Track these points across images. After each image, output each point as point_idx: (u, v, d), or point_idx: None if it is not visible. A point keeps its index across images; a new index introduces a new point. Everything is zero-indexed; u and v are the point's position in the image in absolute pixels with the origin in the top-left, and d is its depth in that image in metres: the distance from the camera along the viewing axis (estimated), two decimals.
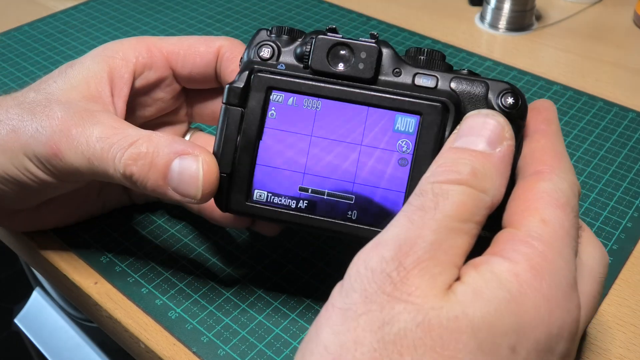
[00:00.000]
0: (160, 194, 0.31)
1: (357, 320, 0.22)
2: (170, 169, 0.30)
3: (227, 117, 0.31)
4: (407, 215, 0.24)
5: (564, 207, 0.25)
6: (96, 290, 0.37)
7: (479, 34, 0.64)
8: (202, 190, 0.30)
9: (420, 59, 0.31)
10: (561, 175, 0.27)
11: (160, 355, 0.34)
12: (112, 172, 0.31)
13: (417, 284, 0.22)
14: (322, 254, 0.39)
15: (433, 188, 0.25)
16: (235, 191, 0.31)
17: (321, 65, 0.30)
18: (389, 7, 0.69)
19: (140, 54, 0.36)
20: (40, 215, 0.38)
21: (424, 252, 0.23)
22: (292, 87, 0.30)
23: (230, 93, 0.31)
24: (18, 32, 0.64)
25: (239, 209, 0.31)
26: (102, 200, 0.41)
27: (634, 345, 0.34)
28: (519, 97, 0.29)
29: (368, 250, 0.24)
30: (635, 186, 0.45)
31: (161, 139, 0.31)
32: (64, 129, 0.31)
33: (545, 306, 0.23)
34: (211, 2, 0.70)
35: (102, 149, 0.31)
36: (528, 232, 0.25)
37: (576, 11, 0.69)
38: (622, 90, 0.55)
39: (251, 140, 0.31)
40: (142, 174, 0.30)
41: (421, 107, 0.29)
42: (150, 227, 0.41)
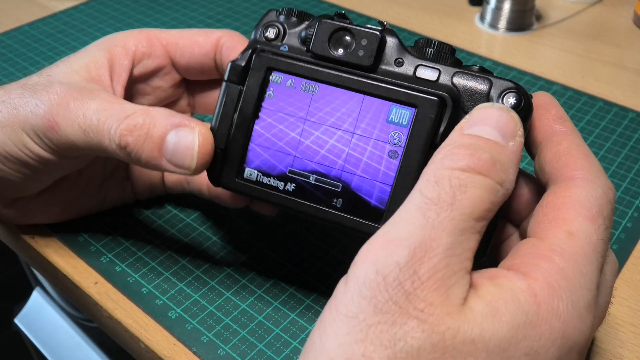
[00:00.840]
0: (154, 165, 0.31)
1: (366, 332, 0.21)
2: (166, 140, 0.31)
3: (226, 93, 0.31)
4: (421, 210, 0.23)
5: (595, 219, 0.24)
6: (96, 290, 0.37)
7: (479, 34, 0.64)
8: (196, 161, 0.30)
9: (428, 51, 0.30)
10: (595, 181, 0.25)
11: (160, 355, 0.34)
12: (107, 144, 0.31)
13: (432, 300, 0.21)
14: (322, 254, 0.39)
15: (451, 178, 0.23)
16: (227, 167, 0.31)
17: (322, 50, 0.30)
18: (389, 7, 0.69)
19: (139, 43, 0.37)
20: (38, 205, 0.38)
21: (439, 260, 0.22)
22: (290, 69, 0.30)
23: (232, 70, 0.31)
24: (18, 32, 0.64)
25: (228, 185, 0.32)
26: (103, 194, 0.40)
27: (634, 345, 0.34)
28: (522, 97, 0.28)
29: (378, 248, 0.23)
30: (635, 186, 0.45)
31: (158, 112, 0.31)
32: (61, 102, 0.32)
33: (559, 328, 0.22)
34: (211, 2, 0.70)
35: (99, 120, 0.31)
36: (551, 245, 0.24)
37: (576, 11, 0.69)
38: (622, 90, 0.55)
39: (247, 118, 0.31)
40: (138, 145, 0.31)
41: (417, 100, 0.28)
42: (150, 227, 0.41)
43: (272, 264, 0.39)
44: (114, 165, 0.40)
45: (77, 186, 0.39)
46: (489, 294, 0.22)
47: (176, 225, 0.41)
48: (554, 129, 0.28)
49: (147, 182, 0.41)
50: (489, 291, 0.22)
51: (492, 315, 0.22)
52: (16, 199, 0.37)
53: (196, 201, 0.43)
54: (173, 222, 0.41)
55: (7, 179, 0.34)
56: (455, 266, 0.22)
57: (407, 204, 0.24)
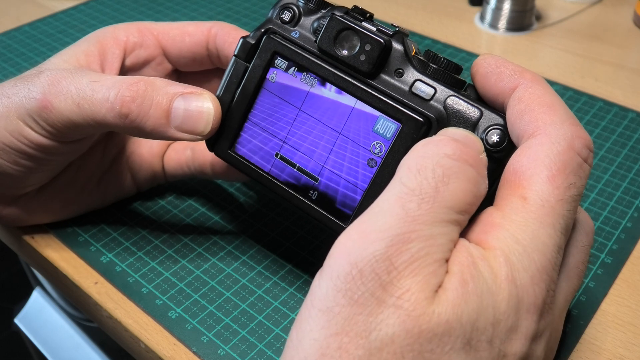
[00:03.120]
0: (159, 132, 0.31)
1: (342, 325, 0.21)
2: (174, 106, 0.31)
3: (233, 68, 0.33)
4: (401, 201, 0.22)
5: (554, 178, 0.23)
6: (96, 290, 0.37)
7: (479, 34, 0.64)
8: (212, 125, 0.31)
9: (431, 67, 0.29)
10: (557, 134, 0.24)
11: (160, 355, 0.34)
12: (104, 114, 0.31)
13: (408, 286, 0.21)
14: (321, 254, 0.39)
15: (435, 167, 0.23)
16: (222, 137, 0.33)
17: (327, 46, 0.30)
18: (389, 7, 0.69)
19: (130, 34, 0.37)
20: (38, 204, 0.38)
21: (418, 250, 0.22)
22: (295, 58, 0.31)
23: (242, 47, 0.32)
24: (18, 32, 0.64)
25: (221, 154, 0.33)
26: (103, 189, 0.40)
27: (634, 345, 0.34)
28: (506, 137, 0.27)
29: (354, 240, 0.22)
30: (635, 186, 0.45)
31: (157, 80, 0.32)
32: (53, 81, 0.32)
33: (515, 293, 0.22)
34: (211, 2, 0.70)
35: (93, 90, 0.31)
36: (504, 212, 0.24)
37: (576, 11, 0.69)
38: (622, 90, 0.55)
39: (247, 95, 0.32)
40: (142, 112, 0.30)
41: (403, 116, 0.29)
42: (150, 227, 0.41)
43: (272, 264, 0.39)
44: (113, 157, 0.40)
45: (77, 182, 0.39)
46: (455, 266, 0.22)
47: (176, 225, 0.41)
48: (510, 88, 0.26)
49: (147, 171, 0.41)
50: (455, 263, 0.22)
51: (462, 287, 0.22)
52: (17, 197, 0.37)
53: (196, 201, 0.43)
54: (173, 222, 0.41)
55: (7, 174, 0.34)
56: (435, 255, 0.22)
57: (386, 194, 0.23)
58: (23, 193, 0.37)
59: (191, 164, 0.40)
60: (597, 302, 0.36)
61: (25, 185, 0.36)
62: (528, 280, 0.23)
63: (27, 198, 0.37)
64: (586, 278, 0.38)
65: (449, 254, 0.23)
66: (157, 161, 0.41)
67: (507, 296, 0.22)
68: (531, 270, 0.23)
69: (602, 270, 0.38)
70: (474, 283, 0.22)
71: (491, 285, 0.22)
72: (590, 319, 0.35)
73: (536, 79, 0.26)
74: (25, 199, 0.37)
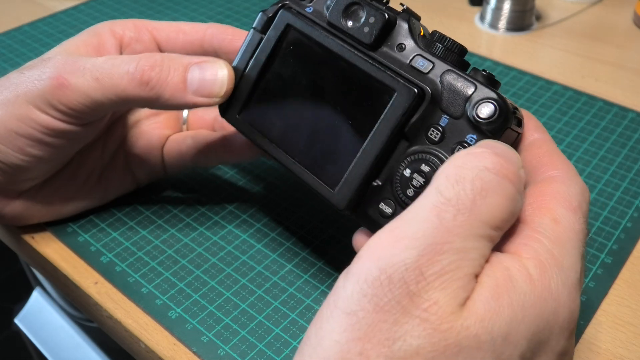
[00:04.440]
0: (177, 99, 0.32)
1: (365, 331, 0.21)
2: (190, 73, 0.32)
3: (250, 39, 0.34)
4: (436, 210, 0.22)
5: (575, 211, 0.25)
6: (96, 290, 0.37)
7: (479, 34, 0.64)
8: (227, 87, 0.33)
9: (436, 45, 0.30)
10: (573, 180, 0.26)
11: (160, 355, 0.34)
12: (124, 86, 0.32)
13: (436, 299, 0.21)
14: (321, 253, 0.39)
15: (474, 179, 0.23)
16: (233, 104, 0.34)
17: (335, 19, 0.32)
18: None
19: (127, 29, 0.38)
20: (39, 201, 0.38)
21: (449, 263, 0.21)
22: (304, 30, 0.32)
23: (260, 19, 0.34)
24: (18, 32, 0.64)
25: (230, 119, 0.35)
26: (104, 185, 0.40)
27: (634, 345, 0.34)
28: (497, 111, 0.27)
29: (385, 245, 0.22)
30: (635, 186, 0.45)
31: (171, 54, 0.33)
32: (67, 61, 0.33)
33: (553, 307, 0.22)
34: (211, 2, 0.70)
35: (113, 65, 0.32)
36: (537, 228, 0.24)
37: (576, 11, 0.69)
38: (622, 90, 0.55)
39: (258, 64, 0.34)
40: (161, 79, 0.32)
41: (397, 85, 0.29)
42: (150, 227, 0.41)
43: (271, 264, 0.39)
44: (112, 151, 0.40)
45: (78, 178, 0.39)
46: (486, 277, 0.22)
47: (176, 225, 0.41)
48: (534, 137, 0.29)
49: (147, 164, 0.41)
50: (487, 275, 0.22)
51: (493, 300, 0.21)
52: (20, 193, 0.37)
53: (196, 201, 0.43)
54: (173, 222, 0.41)
55: (12, 164, 0.34)
56: (466, 269, 0.22)
57: (422, 201, 0.23)
58: (26, 188, 0.37)
59: (193, 152, 0.40)
60: (597, 302, 0.36)
61: (30, 177, 0.36)
62: (566, 296, 0.23)
63: (30, 194, 0.37)
64: (586, 278, 0.38)
65: (479, 270, 0.22)
66: (157, 153, 0.41)
67: (544, 309, 0.22)
68: (568, 286, 0.23)
69: (602, 270, 0.38)
70: (508, 295, 0.22)
71: (529, 297, 0.22)
72: (590, 319, 0.35)
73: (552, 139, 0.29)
74: (28, 194, 0.37)
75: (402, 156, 0.29)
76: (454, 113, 0.28)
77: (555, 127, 0.50)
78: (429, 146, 0.28)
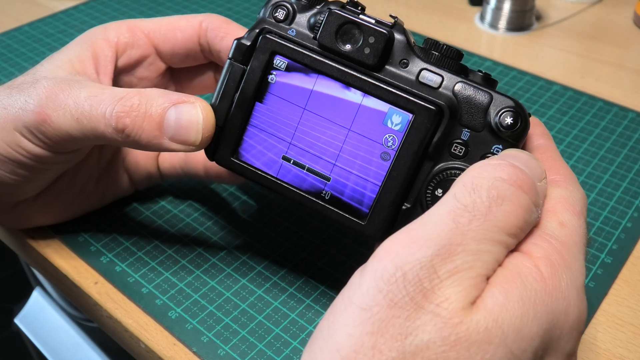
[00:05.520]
0: (155, 145, 0.31)
1: (378, 325, 0.21)
2: (166, 118, 0.30)
3: (229, 72, 0.31)
4: (453, 215, 0.23)
5: (579, 215, 0.26)
6: (96, 290, 0.37)
7: (479, 34, 0.64)
8: (202, 135, 0.31)
9: (434, 54, 0.29)
10: (575, 186, 0.27)
11: (160, 355, 0.34)
12: (102, 129, 0.31)
13: (448, 295, 0.21)
14: (321, 253, 0.39)
15: (490, 188, 0.23)
16: (223, 144, 0.32)
17: (329, 42, 0.30)
18: (389, 7, 0.69)
19: (121, 34, 0.37)
20: (38, 208, 0.38)
21: (462, 262, 0.22)
22: (295, 57, 0.30)
23: (237, 49, 0.31)
24: (18, 32, 0.64)
25: (223, 162, 0.32)
26: (101, 190, 0.40)
27: (634, 345, 0.34)
28: (519, 118, 0.28)
29: (401, 244, 0.22)
30: (635, 186, 0.45)
31: (152, 91, 0.31)
32: (50, 94, 0.32)
33: (563, 305, 0.23)
34: (211, 2, 0.70)
35: (91, 106, 0.31)
36: (545, 230, 0.25)
37: (576, 11, 0.69)
38: (622, 90, 0.55)
39: (247, 99, 0.31)
40: (136, 125, 0.30)
41: (415, 107, 0.28)
42: (150, 227, 0.41)
43: (271, 264, 0.39)
44: (108, 159, 0.40)
45: (75, 185, 0.39)
46: (498, 276, 0.22)
47: (176, 226, 0.41)
48: (539, 142, 0.30)
49: (143, 171, 0.41)
50: (498, 275, 0.23)
51: (504, 297, 0.22)
52: (15, 204, 0.37)
53: (196, 201, 0.43)
54: (173, 222, 0.41)
55: (5, 183, 0.34)
56: (478, 270, 0.22)
57: (439, 206, 0.24)
58: (21, 200, 0.37)
59: (184, 166, 0.40)
60: (597, 302, 0.36)
61: (23, 193, 0.36)
62: (576, 296, 0.23)
63: (26, 204, 0.37)
64: (586, 278, 0.38)
65: (491, 272, 0.23)
66: (152, 162, 0.41)
67: (556, 307, 0.22)
68: (577, 287, 0.23)
69: (602, 270, 0.38)
70: (518, 292, 0.22)
71: (540, 295, 0.22)
72: (590, 319, 0.35)
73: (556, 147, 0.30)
74: (24, 204, 0.37)
75: (428, 176, 0.29)
76: (475, 126, 0.28)
77: (555, 127, 0.50)
78: (454, 162, 0.28)
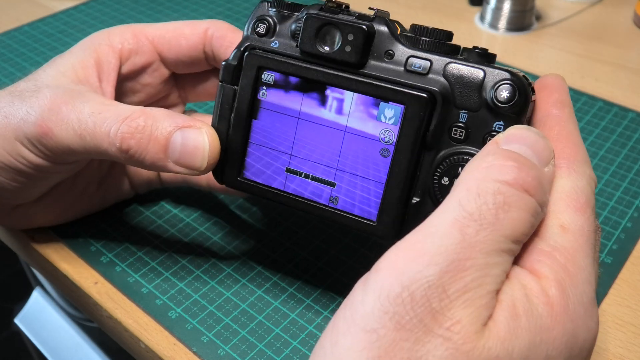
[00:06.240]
0: (159, 167, 0.31)
1: (385, 349, 0.20)
2: (172, 141, 0.30)
3: (222, 94, 0.31)
4: (459, 225, 0.22)
5: (584, 209, 0.24)
6: (96, 290, 0.37)
7: (479, 34, 0.64)
8: (207, 161, 0.31)
9: (422, 40, 0.28)
10: (579, 170, 0.25)
11: (160, 355, 0.34)
12: (105, 147, 0.31)
13: (459, 318, 0.20)
14: (321, 253, 0.39)
15: (496, 193, 0.22)
16: (228, 166, 0.32)
17: (309, 47, 0.29)
18: (389, 7, 0.69)
19: (125, 40, 0.36)
20: (38, 210, 0.38)
21: (472, 280, 0.21)
22: (280, 68, 0.30)
23: (225, 71, 0.31)
24: (18, 32, 0.64)
25: (231, 183, 0.32)
26: (102, 192, 0.40)
27: (634, 345, 0.34)
28: (516, 91, 0.26)
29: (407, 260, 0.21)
30: (635, 186, 0.45)
31: (158, 112, 0.31)
32: (53, 107, 0.31)
33: (570, 328, 0.22)
34: (211, 2, 0.70)
35: (95, 123, 0.31)
36: (548, 240, 0.23)
37: (576, 11, 0.69)
38: (622, 90, 0.55)
39: (242, 118, 0.31)
40: (141, 147, 0.30)
41: (404, 97, 0.28)
42: (150, 227, 0.41)
43: (272, 264, 0.39)
44: (110, 163, 0.40)
45: (76, 188, 0.39)
46: (505, 295, 0.22)
47: (176, 225, 0.41)
48: (550, 113, 0.27)
49: (144, 177, 0.41)
50: (505, 292, 0.22)
51: (513, 322, 0.21)
52: (15, 206, 0.37)
53: (196, 201, 0.43)
54: (173, 222, 0.41)
55: (4, 188, 0.34)
56: (488, 287, 0.21)
57: (443, 215, 0.22)
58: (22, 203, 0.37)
59: (186, 177, 0.40)
60: (597, 302, 0.36)
61: (23, 198, 0.36)
62: (583, 315, 0.22)
63: (27, 206, 0.37)
64: None
65: (501, 286, 0.22)
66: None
67: (562, 332, 0.22)
68: (584, 304, 0.22)
69: (602, 270, 0.38)
70: (526, 317, 0.21)
71: (546, 320, 0.21)
72: None
73: (573, 116, 0.27)
74: (25, 206, 0.37)
75: (432, 165, 0.28)
76: (471, 106, 0.27)
77: None
78: (457, 147, 0.27)
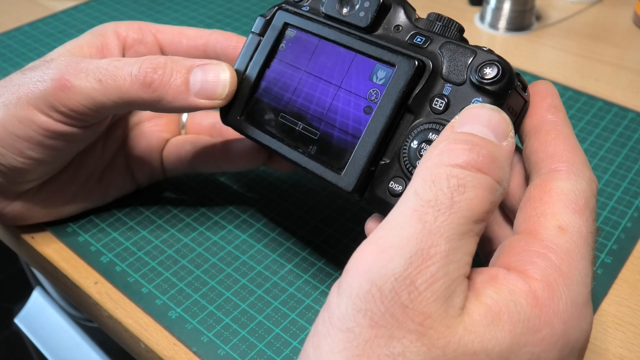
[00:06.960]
0: (181, 101, 0.32)
1: (363, 348, 0.20)
2: (193, 74, 0.32)
3: (248, 42, 0.35)
4: (417, 214, 0.22)
5: (582, 211, 0.24)
6: (96, 290, 0.37)
7: (479, 34, 0.64)
8: (229, 89, 0.33)
9: (436, 24, 0.30)
10: (579, 173, 0.25)
11: (160, 355, 0.34)
12: (127, 88, 0.32)
13: (430, 312, 0.20)
14: (322, 253, 0.39)
15: (449, 177, 0.22)
16: (234, 107, 0.34)
17: (331, 10, 0.33)
18: None
19: (131, 30, 0.38)
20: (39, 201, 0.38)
21: (438, 269, 0.21)
22: (301, 26, 0.33)
23: (258, 22, 0.35)
24: (18, 32, 0.64)
25: (232, 123, 0.35)
26: (104, 185, 0.41)
27: (634, 345, 0.34)
28: (500, 70, 0.26)
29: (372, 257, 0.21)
30: (635, 186, 0.45)
31: (174, 56, 0.33)
32: (70, 62, 0.33)
33: (561, 329, 0.22)
34: (211, 2, 0.70)
35: (116, 67, 0.32)
36: (544, 241, 0.23)
37: (576, 11, 0.69)
38: (622, 91, 0.55)
39: (258, 65, 0.34)
40: (164, 81, 0.32)
41: (396, 60, 0.29)
42: (150, 227, 0.41)
43: (271, 264, 0.39)
44: (111, 153, 0.40)
45: (78, 179, 0.39)
46: (489, 299, 0.22)
47: (176, 225, 0.41)
48: (545, 118, 0.27)
49: (147, 166, 0.41)
50: (490, 296, 0.22)
51: (493, 323, 0.21)
52: (20, 194, 0.37)
53: (196, 201, 0.43)
54: (173, 222, 0.41)
55: (12, 166, 0.34)
56: (454, 273, 0.21)
57: (402, 206, 0.22)
58: (26, 189, 0.37)
59: (191, 157, 0.40)
60: (597, 302, 0.36)
61: (29, 179, 0.36)
62: (576, 316, 0.22)
63: (30, 194, 0.37)
64: None
65: (467, 268, 0.22)
66: (156, 157, 0.41)
67: (552, 332, 0.21)
68: (578, 304, 0.22)
69: (602, 270, 0.38)
70: (509, 317, 0.21)
71: (533, 322, 0.21)
72: None
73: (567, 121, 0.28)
74: (28, 195, 0.37)
75: (407, 130, 0.28)
76: (456, 80, 0.28)
77: None
78: (434, 116, 0.28)
